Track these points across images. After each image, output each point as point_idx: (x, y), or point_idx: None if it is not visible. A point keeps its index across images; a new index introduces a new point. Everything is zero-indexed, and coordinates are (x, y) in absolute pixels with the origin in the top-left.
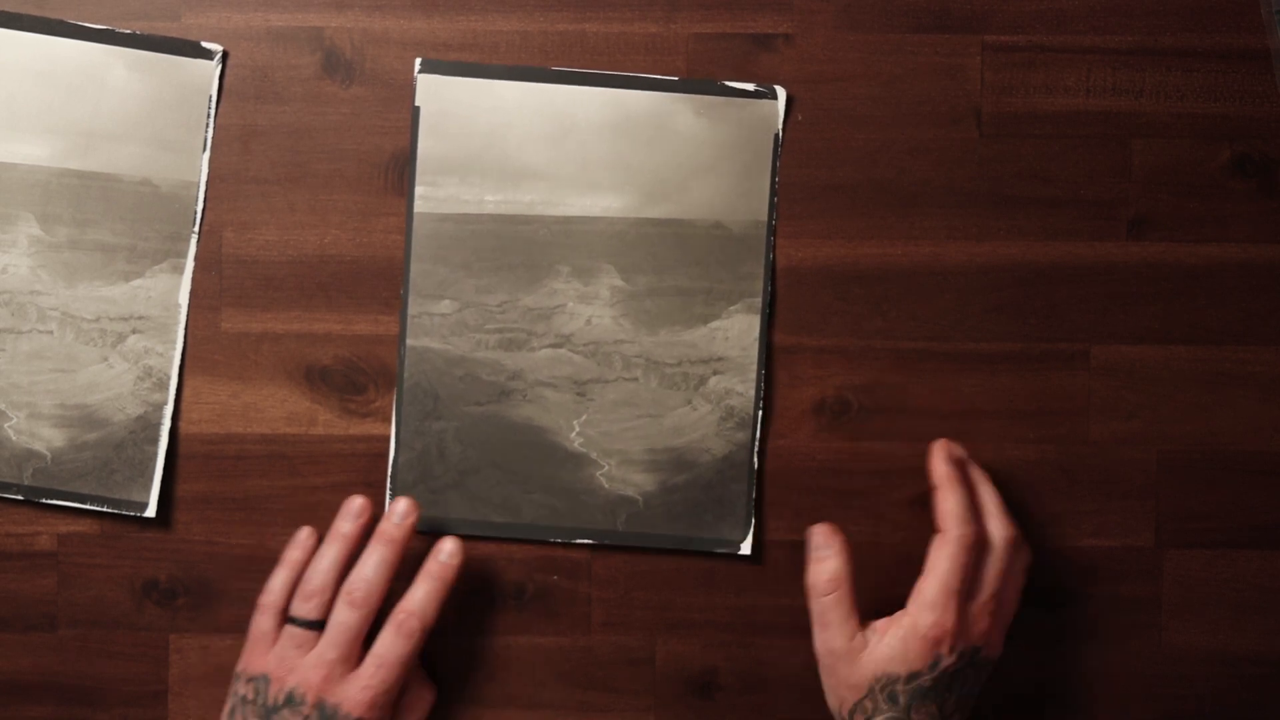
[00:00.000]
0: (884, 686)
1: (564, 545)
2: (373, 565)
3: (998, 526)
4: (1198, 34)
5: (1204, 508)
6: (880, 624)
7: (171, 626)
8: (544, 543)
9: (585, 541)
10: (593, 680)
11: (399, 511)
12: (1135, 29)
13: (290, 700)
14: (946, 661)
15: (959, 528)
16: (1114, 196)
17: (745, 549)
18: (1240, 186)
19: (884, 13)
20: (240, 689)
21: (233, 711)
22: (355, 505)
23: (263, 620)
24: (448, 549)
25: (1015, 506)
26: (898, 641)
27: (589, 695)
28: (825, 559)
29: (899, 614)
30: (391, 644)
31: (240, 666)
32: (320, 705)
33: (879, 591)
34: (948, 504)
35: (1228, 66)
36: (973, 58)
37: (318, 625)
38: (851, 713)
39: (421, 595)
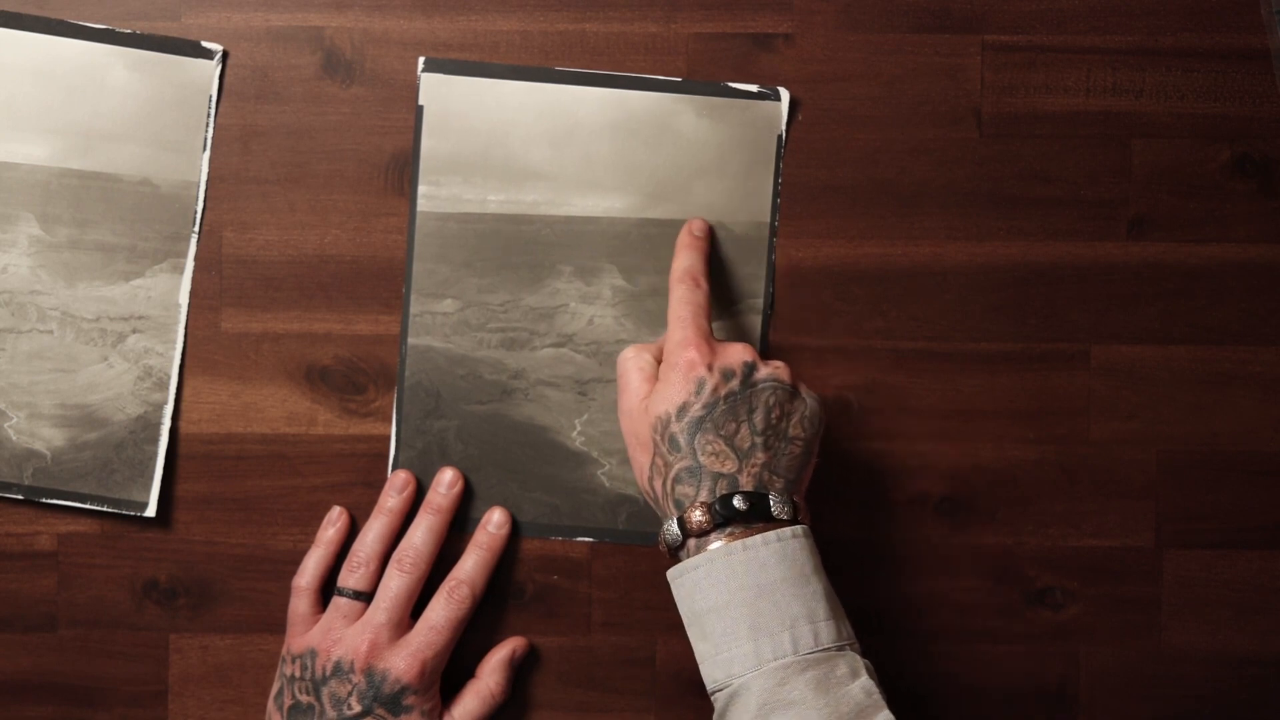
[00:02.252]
0: (663, 432)
1: (564, 545)
2: (421, 533)
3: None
4: (1198, 34)
5: (1204, 508)
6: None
7: (171, 626)
8: (545, 541)
9: (586, 540)
10: (593, 680)
11: (445, 481)
12: (1135, 29)
13: (338, 670)
14: (711, 381)
15: (685, 275)
16: (1114, 196)
17: None
18: (1240, 186)
19: (884, 13)
20: (287, 669)
21: (280, 693)
22: (399, 479)
23: (299, 602)
24: (496, 519)
25: (1015, 506)
26: (661, 384)
27: (589, 695)
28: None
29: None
30: (442, 610)
31: (284, 649)
32: (369, 672)
33: (877, 590)
34: (680, 261)
35: (1228, 66)
36: (973, 58)
37: (365, 596)
38: (650, 479)
39: (471, 564)
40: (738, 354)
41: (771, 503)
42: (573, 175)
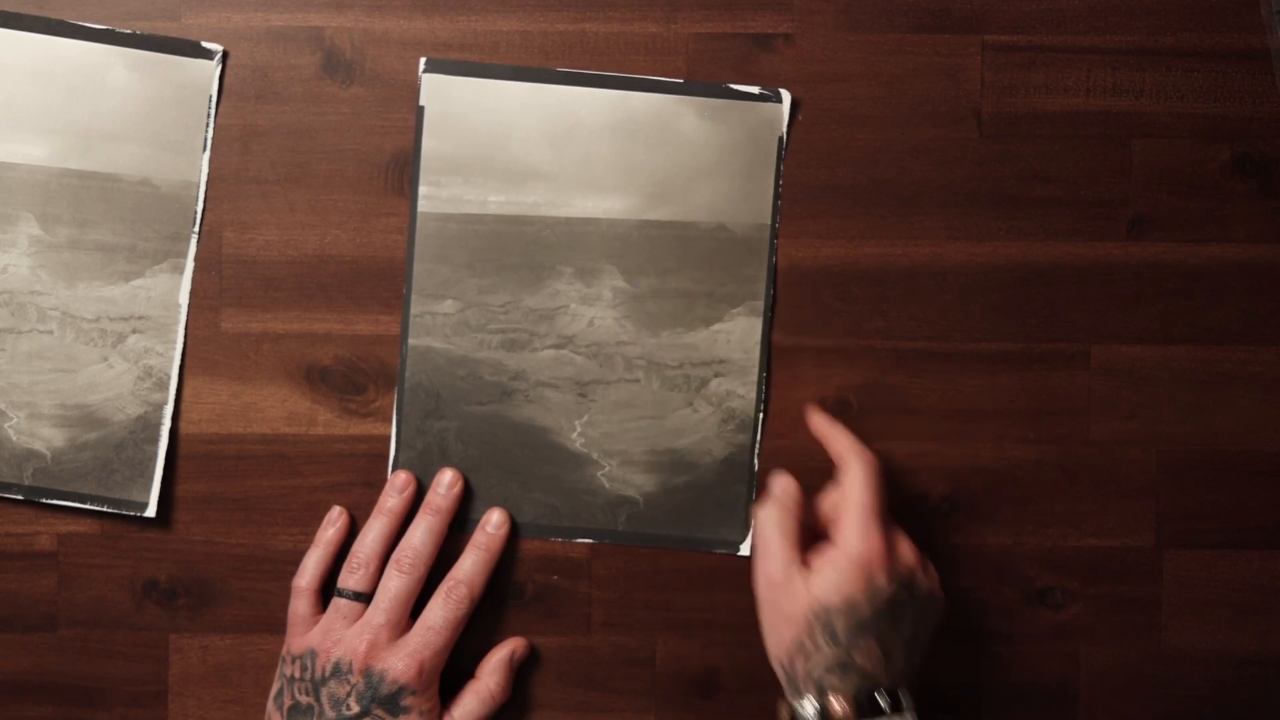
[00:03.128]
0: (822, 620)
1: (564, 545)
2: (421, 534)
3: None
4: (1198, 34)
5: (1204, 508)
6: (811, 558)
7: (171, 626)
8: (545, 541)
9: (586, 541)
10: (593, 680)
11: (445, 482)
12: (1135, 29)
13: (337, 670)
14: (884, 588)
15: (864, 454)
16: (1114, 196)
17: (745, 550)
18: (1240, 186)
19: (884, 13)
20: (286, 670)
21: (280, 693)
22: (400, 480)
23: (299, 603)
24: (495, 520)
25: (1015, 506)
26: (831, 570)
27: (589, 695)
28: (776, 494)
29: (824, 545)
30: (440, 610)
31: (284, 650)
32: (367, 673)
33: None
34: (843, 439)
35: (1228, 66)
36: (973, 58)
37: (364, 598)
38: (791, 655)
39: (470, 564)
40: (907, 557)
41: (902, 697)
42: (573, 176)
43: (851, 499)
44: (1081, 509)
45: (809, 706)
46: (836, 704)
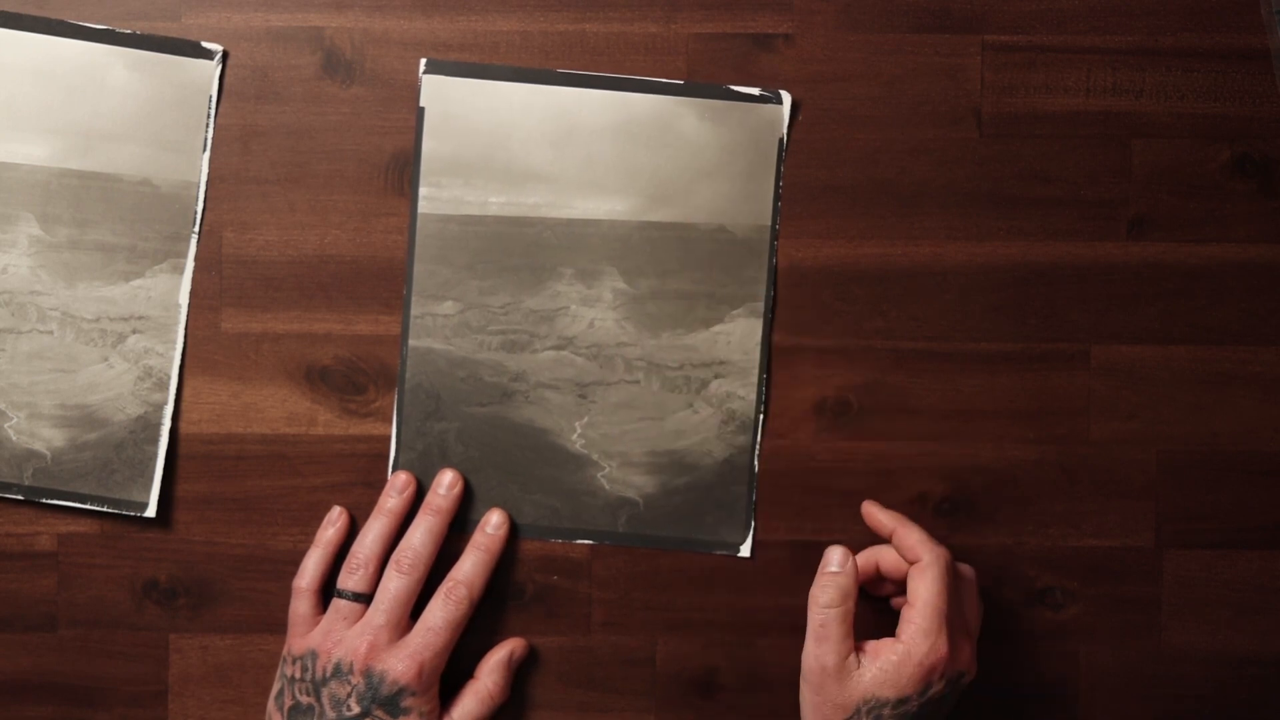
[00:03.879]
0: (871, 709)
1: (564, 546)
2: (421, 534)
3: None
4: (1198, 34)
5: (1204, 508)
6: (871, 646)
7: (171, 626)
8: (545, 541)
9: (586, 542)
10: (593, 680)
11: (445, 483)
12: (1135, 29)
13: (338, 671)
14: (936, 689)
15: (936, 550)
16: (1114, 196)
17: (744, 551)
18: (1240, 186)
19: (884, 13)
20: (287, 670)
21: (280, 693)
22: (400, 480)
23: (300, 604)
24: (495, 520)
25: (1015, 506)
26: (891, 667)
27: (589, 695)
28: (835, 575)
29: (891, 640)
30: (440, 611)
31: (285, 650)
32: (367, 673)
33: (875, 592)
34: (913, 535)
35: (1228, 66)
36: (973, 58)
37: (364, 598)
38: None
39: (469, 565)
40: (964, 658)
41: None
42: (574, 177)
43: (922, 598)
44: (1081, 509)
45: None
46: None
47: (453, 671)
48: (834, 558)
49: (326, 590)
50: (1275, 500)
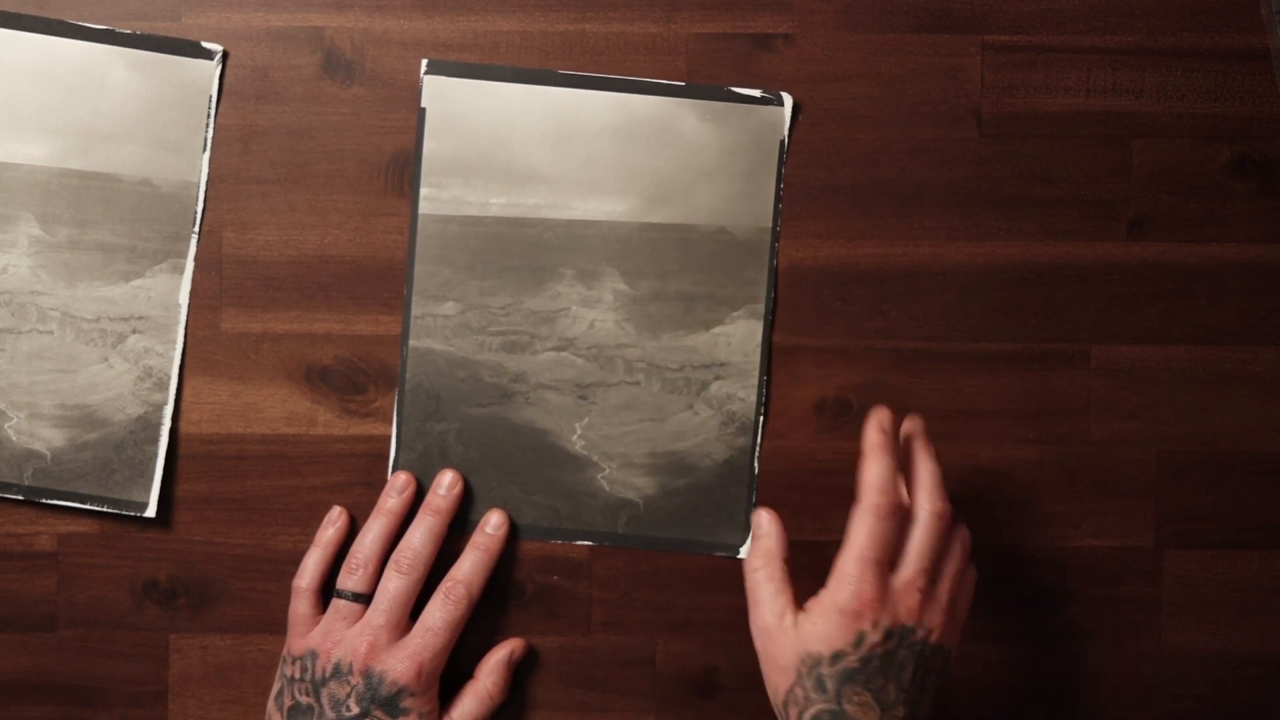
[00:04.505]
0: (810, 668)
1: (564, 545)
2: (420, 534)
3: (925, 500)
4: (1198, 34)
5: (1204, 508)
6: (808, 604)
7: (171, 626)
8: (544, 543)
9: (586, 543)
10: (593, 680)
11: (445, 483)
12: (1135, 29)
13: (337, 671)
14: (872, 638)
15: (873, 496)
16: (1114, 196)
17: (744, 553)
18: (1240, 186)
19: (884, 13)
20: (287, 670)
21: (280, 694)
22: (399, 481)
23: (300, 604)
24: (494, 521)
25: (1015, 506)
26: (819, 618)
27: (589, 695)
28: (760, 540)
29: (820, 591)
30: (439, 611)
31: (285, 650)
32: (366, 674)
33: None
34: (868, 473)
35: (1228, 66)
36: (973, 58)
37: (364, 599)
38: (785, 703)
39: (469, 565)
40: (909, 610)
41: None
42: (575, 178)
43: (849, 541)
44: (1081, 509)
45: None
46: None
47: (452, 672)
48: (760, 521)
49: (326, 590)
50: (1275, 500)
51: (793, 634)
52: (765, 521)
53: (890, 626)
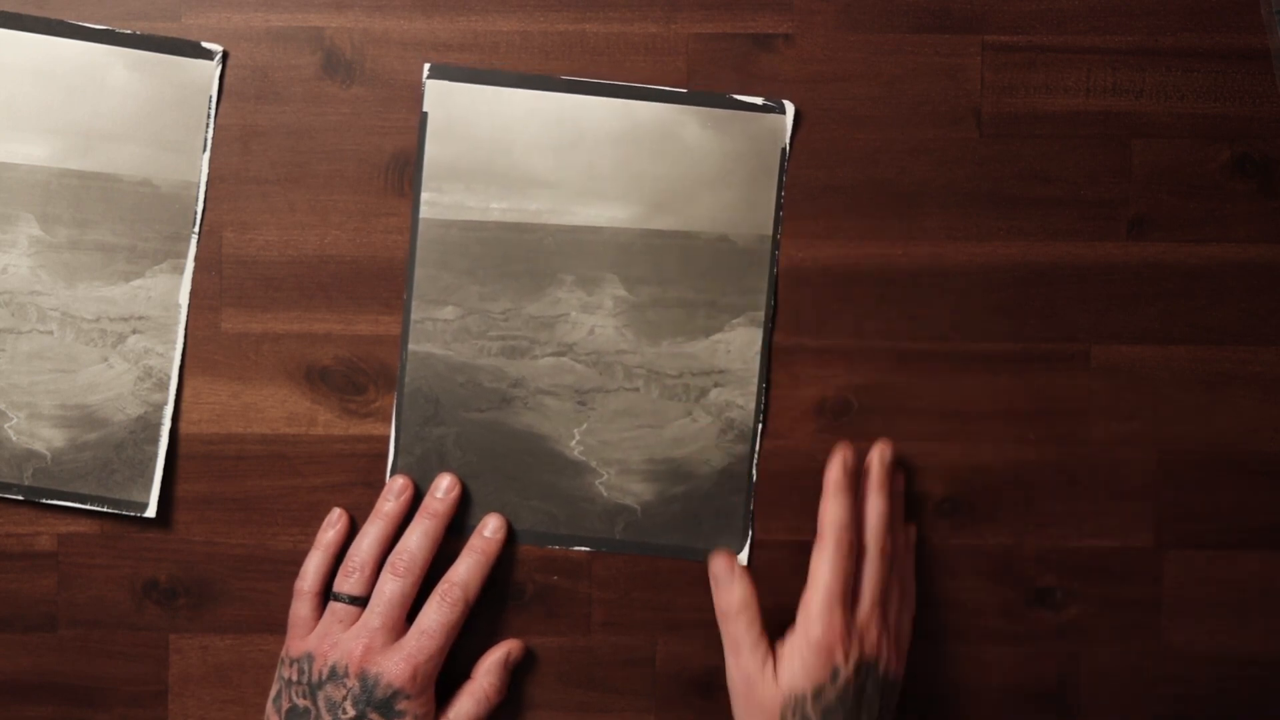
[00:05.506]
0: (795, 708)
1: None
2: (417, 537)
3: (873, 537)
4: (1198, 34)
5: (1204, 508)
6: (780, 647)
7: (171, 626)
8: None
9: (583, 549)
10: (593, 680)
11: (442, 486)
12: (1135, 29)
13: (333, 674)
14: (845, 672)
15: (833, 533)
16: (1114, 196)
17: (742, 560)
18: (1240, 186)
19: (884, 13)
20: (285, 672)
21: (278, 695)
22: (397, 484)
23: (300, 606)
24: (492, 525)
25: (1015, 506)
26: (797, 658)
27: (589, 695)
28: (730, 585)
29: (790, 632)
30: (434, 614)
31: (283, 652)
32: (362, 676)
33: None
34: (829, 512)
35: (1228, 66)
36: (973, 58)
37: (361, 601)
38: None
39: (465, 568)
40: (871, 644)
41: None
42: (576, 184)
43: (814, 579)
44: (1081, 509)
45: None
46: None
47: (452, 673)
48: (719, 568)
49: (328, 592)
50: (1275, 500)
51: (773, 679)
52: (727, 567)
53: (859, 660)
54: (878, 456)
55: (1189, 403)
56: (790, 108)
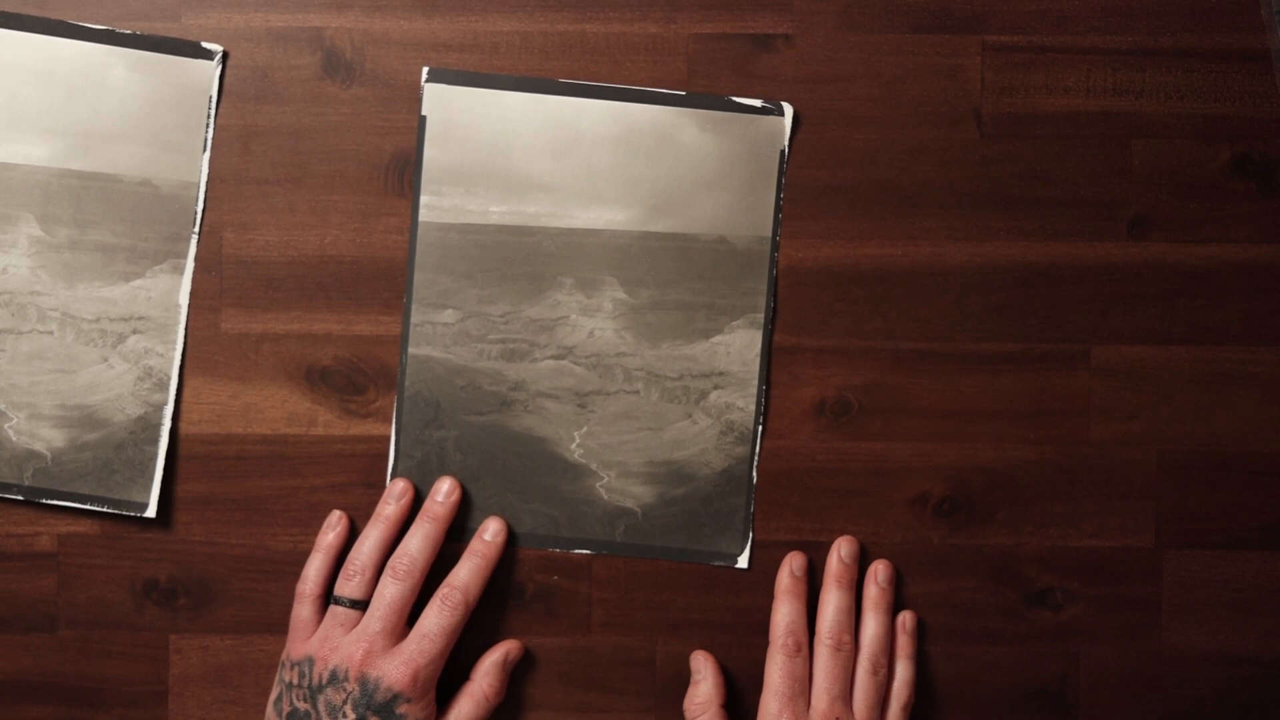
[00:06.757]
0: None
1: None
2: (417, 541)
3: (825, 634)
4: (1198, 34)
5: (1204, 508)
6: None
7: (171, 626)
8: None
9: (584, 552)
10: (593, 680)
11: (443, 490)
12: (1135, 29)
13: (334, 678)
14: None
15: (782, 637)
16: (1114, 196)
17: (742, 562)
18: (1240, 186)
19: (884, 13)
20: (286, 675)
21: (279, 699)
22: (397, 488)
23: (302, 609)
24: (492, 528)
25: (1015, 506)
26: None
27: (589, 695)
28: (698, 682)
29: None
30: (435, 617)
31: (284, 655)
32: (362, 680)
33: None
34: (777, 615)
35: (1228, 66)
36: (973, 58)
37: (361, 605)
38: None
39: (466, 571)
40: None
41: None
42: (575, 187)
43: (767, 683)
44: (1081, 509)
45: None
46: None
47: (453, 674)
48: (695, 664)
49: (329, 595)
50: (1275, 500)
51: None
52: (701, 664)
53: None
54: (841, 556)
55: (1189, 403)
56: (789, 110)
